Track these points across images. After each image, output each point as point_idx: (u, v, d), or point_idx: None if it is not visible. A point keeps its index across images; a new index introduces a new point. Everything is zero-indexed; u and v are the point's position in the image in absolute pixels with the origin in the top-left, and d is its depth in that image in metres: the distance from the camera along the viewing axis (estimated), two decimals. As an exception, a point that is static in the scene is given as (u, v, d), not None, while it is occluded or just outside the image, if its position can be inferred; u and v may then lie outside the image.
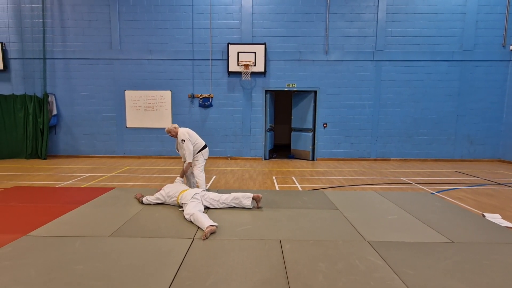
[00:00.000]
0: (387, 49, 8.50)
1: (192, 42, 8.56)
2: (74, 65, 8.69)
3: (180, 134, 4.55)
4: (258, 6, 8.43)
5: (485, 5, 8.37)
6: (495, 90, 8.61)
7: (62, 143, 8.93)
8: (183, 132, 4.57)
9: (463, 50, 8.49)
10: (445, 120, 8.69)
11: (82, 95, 8.77)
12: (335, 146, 8.80)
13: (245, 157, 8.84)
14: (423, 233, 3.33)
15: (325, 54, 8.53)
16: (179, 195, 3.90)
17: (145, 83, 8.72)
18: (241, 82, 8.64)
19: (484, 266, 2.62)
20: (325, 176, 6.63)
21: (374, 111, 8.67)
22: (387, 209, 4.09)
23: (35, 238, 3.09)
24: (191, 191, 3.89)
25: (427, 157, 8.78)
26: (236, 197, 3.93)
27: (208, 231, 3.12)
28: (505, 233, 3.35)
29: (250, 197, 3.92)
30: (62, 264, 2.56)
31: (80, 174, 6.53)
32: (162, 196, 4.07)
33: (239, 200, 3.93)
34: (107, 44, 8.62)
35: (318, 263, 2.62)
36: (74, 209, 3.96)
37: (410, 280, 2.37)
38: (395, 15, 8.42)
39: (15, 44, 8.63)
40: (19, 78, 8.72)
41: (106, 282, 2.30)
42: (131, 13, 8.53)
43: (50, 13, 8.58)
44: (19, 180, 5.85)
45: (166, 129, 4.60)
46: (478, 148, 8.79)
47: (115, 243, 2.97)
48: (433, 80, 8.57)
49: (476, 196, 5.02)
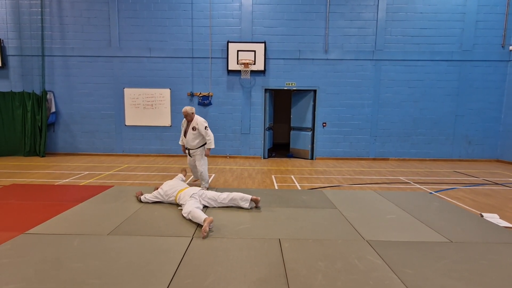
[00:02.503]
0: (387, 49, 8.50)
1: (191, 40, 8.53)
2: (73, 63, 8.65)
3: (201, 120, 4.70)
4: (258, 4, 8.41)
5: (484, 5, 8.38)
6: (493, 91, 8.63)
7: (60, 140, 8.90)
8: (203, 119, 4.75)
9: (463, 50, 8.50)
10: (443, 120, 8.71)
11: (81, 93, 8.73)
12: (334, 146, 8.81)
13: (244, 155, 8.84)
14: (422, 232, 3.34)
15: (325, 53, 8.52)
16: (177, 195, 3.89)
17: (144, 81, 8.69)
18: (240, 80, 8.63)
19: (482, 265, 2.63)
20: (324, 175, 6.64)
21: (373, 111, 8.68)
22: (386, 209, 4.10)
23: (34, 236, 3.08)
24: (189, 190, 3.87)
25: (425, 157, 8.81)
26: (234, 198, 3.92)
27: (207, 223, 3.12)
28: (503, 233, 3.37)
29: (248, 200, 3.89)
30: (60, 262, 2.55)
31: (79, 172, 6.51)
32: (160, 195, 4.06)
33: (237, 202, 3.92)
34: (106, 42, 8.58)
35: (317, 262, 2.62)
36: (72, 207, 3.95)
37: (409, 280, 2.38)
38: (395, 14, 8.42)
39: (14, 41, 8.58)
40: (17, 75, 8.67)
41: (105, 281, 2.30)
42: (131, 11, 8.49)
43: (48, 9, 8.52)
44: (18, 178, 5.83)
45: (184, 110, 4.65)
46: (476, 148, 8.82)
47: (114, 242, 2.97)
48: (432, 80, 8.59)
49: (474, 196, 5.04)
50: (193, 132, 4.70)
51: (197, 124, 4.68)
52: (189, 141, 4.73)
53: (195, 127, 4.69)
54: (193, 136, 4.73)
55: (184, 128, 4.84)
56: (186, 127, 4.79)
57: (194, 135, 4.72)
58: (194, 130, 4.70)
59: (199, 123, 4.67)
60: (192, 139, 4.73)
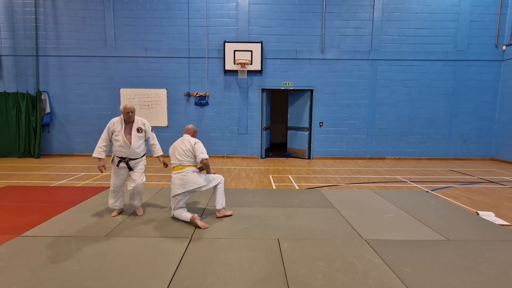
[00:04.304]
0: (383, 49, 8.55)
1: (188, 40, 8.49)
2: (68, 63, 8.56)
3: (144, 120, 3.88)
4: (254, 4, 8.40)
5: (478, 6, 8.47)
6: (488, 90, 8.73)
7: (55, 141, 8.80)
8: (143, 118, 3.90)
9: (457, 50, 8.58)
10: (439, 119, 8.79)
11: (76, 93, 8.64)
12: (331, 145, 8.84)
13: (241, 155, 8.83)
14: (419, 231, 3.37)
15: (322, 53, 8.54)
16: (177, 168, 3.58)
17: (140, 81, 8.63)
18: (237, 80, 8.61)
19: (479, 263, 2.66)
20: (321, 174, 6.66)
21: (370, 110, 8.72)
22: (384, 208, 4.13)
23: (29, 238, 3.04)
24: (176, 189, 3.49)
25: (421, 156, 8.87)
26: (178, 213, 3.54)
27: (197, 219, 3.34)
28: (498, 231, 3.40)
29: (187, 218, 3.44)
30: (57, 265, 2.52)
31: (75, 173, 6.44)
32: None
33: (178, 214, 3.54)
34: (101, 41, 8.50)
35: (317, 262, 2.63)
36: (69, 209, 3.91)
37: (407, 278, 2.39)
38: (390, 14, 8.47)
39: (7, 40, 8.46)
40: (11, 75, 8.55)
41: (103, 283, 2.27)
42: (126, 10, 8.42)
43: (42, 9, 8.42)
44: (12, 180, 5.75)
45: (129, 106, 3.60)
46: (471, 147, 8.91)
47: (112, 243, 2.94)
48: (428, 79, 8.66)
49: (470, 194, 5.09)
50: (139, 135, 3.67)
51: (144, 125, 3.74)
52: (134, 148, 3.60)
53: (141, 128, 3.70)
54: (139, 141, 3.67)
55: (118, 131, 3.56)
56: (121, 130, 3.56)
57: (139, 138, 3.67)
58: (140, 132, 3.68)
59: (146, 123, 3.79)
60: (138, 145, 3.65)
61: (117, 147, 3.59)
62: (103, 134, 3.62)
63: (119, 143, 3.56)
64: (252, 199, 4.47)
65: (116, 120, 3.62)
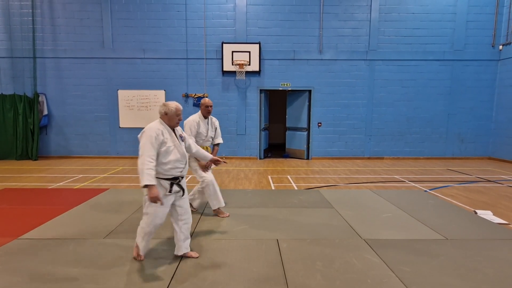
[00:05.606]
0: (380, 49, 8.58)
1: (186, 41, 8.49)
2: (65, 64, 8.53)
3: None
4: (252, 5, 8.41)
5: (475, 6, 8.52)
6: (484, 89, 8.78)
7: (53, 143, 8.76)
8: None
9: (454, 50, 8.63)
10: (436, 119, 8.83)
11: (73, 95, 8.62)
12: (329, 145, 8.85)
13: (240, 156, 8.83)
14: (418, 230, 3.38)
15: (319, 53, 8.56)
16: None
17: (138, 82, 8.62)
18: (235, 81, 8.62)
19: (477, 262, 2.67)
20: (320, 175, 6.67)
21: (368, 110, 8.75)
22: (382, 207, 4.14)
23: (27, 241, 3.03)
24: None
25: (419, 155, 8.91)
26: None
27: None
28: (496, 230, 3.42)
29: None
30: (56, 268, 2.51)
31: (73, 175, 6.42)
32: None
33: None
34: (99, 43, 8.49)
35: (316, 262, 2.63)
36: (67, 211, 3.90)
37: (406, 277, 2.40)
38: (387, 15, 8.51)
39: (4, 42, 8.42)
40: (8, 77, 8.51)
41: (102, 285, 2.27)
42: (124, 11, 8.42)
43: (40, 11, 8.40)
44: (10, 182, 5.72)
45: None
46: (469, 146, 8.96)
47: (111, 245, 2.93)
48: (425, 79, 8.70)
49: (467, 193, 5.12)
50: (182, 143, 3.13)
51: (183, 131, 3.08)
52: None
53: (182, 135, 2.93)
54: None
55: (169, 141, 2.51)
56: (172, 139, 2.55)
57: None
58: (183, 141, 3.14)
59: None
60: None
61: (171, 164, 2.49)
62: (147, 150, 2.36)
63: (176, 157, 2.51)
64: (251, 200, 4.47)
65: (159, 127, 2.48)
